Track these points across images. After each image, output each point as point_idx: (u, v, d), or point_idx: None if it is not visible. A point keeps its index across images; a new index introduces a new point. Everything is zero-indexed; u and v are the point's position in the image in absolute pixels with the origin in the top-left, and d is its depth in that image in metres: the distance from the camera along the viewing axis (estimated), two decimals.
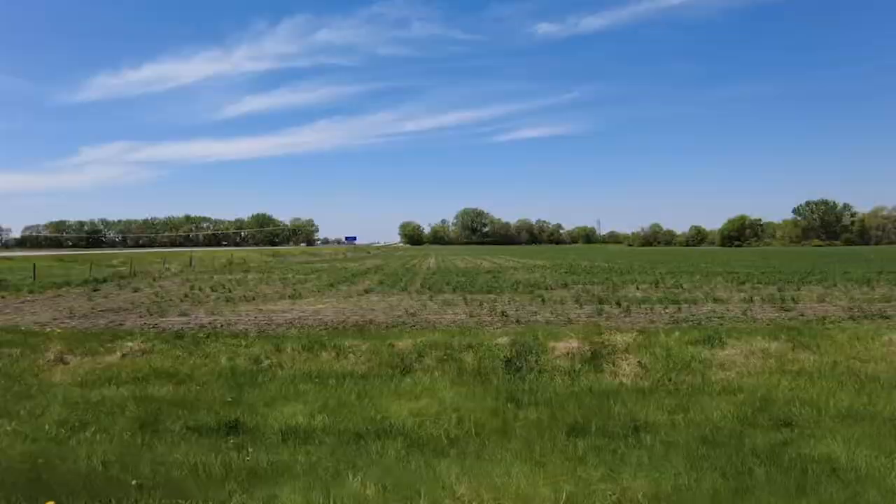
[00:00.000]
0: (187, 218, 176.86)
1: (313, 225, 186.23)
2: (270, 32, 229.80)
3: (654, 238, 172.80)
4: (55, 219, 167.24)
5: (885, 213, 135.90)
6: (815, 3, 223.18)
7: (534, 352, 9.05)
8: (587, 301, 15.74)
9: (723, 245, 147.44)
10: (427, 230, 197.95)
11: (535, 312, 13.67)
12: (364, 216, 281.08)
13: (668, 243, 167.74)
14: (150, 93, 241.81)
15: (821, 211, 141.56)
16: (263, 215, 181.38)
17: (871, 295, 16.99)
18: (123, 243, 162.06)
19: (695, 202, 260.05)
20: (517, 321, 12.34)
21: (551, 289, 19.93)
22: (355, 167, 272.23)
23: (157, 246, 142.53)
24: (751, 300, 15.66)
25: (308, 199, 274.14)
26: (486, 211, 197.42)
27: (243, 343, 9.75)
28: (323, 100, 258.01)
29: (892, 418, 6.39)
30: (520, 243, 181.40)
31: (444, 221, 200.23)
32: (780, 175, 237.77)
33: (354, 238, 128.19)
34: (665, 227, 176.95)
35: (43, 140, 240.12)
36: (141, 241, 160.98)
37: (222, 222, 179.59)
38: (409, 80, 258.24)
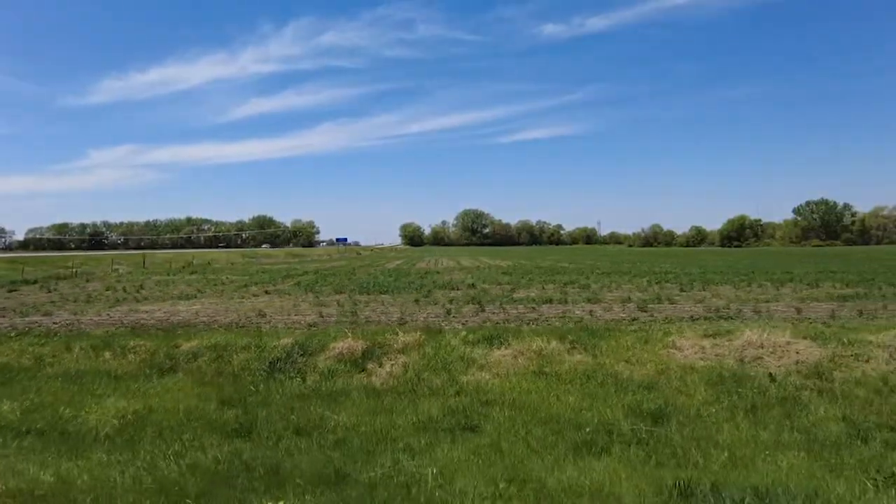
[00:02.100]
0: (188, 220, 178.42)
1: (314, 226, 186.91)
2: (276, 35, 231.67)
3: (655, 239, 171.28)
4: (64, 221, 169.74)
5: (885, 212, 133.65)
6: (816, 3, 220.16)
7: (308, 353, 9.11)
8: (465, 301, 15.69)
9: (722, 245, 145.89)
10: (427, 231, 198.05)
11: (392, 313, 13.66)
12: (368, 218, 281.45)
13: (668, 244, 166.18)
14: (157, 96, 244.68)
15: (821, 211, 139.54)
16: (264, 217, 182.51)
17: (755, 295, 16.85)
18: (125, 245, 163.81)
19: (697, 203, 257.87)
20: (366, 321, 12.29)
21: (454, 289, 19.91)
22: (359, 169, 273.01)
23: (159, 248, 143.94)
24: (628, 300, 15.54)
25: (312, 201, 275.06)
26: (486, 212, 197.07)
27: (40, 343, 9.89)
28: (328, 102, 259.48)
29: (572, 421, 6.38)
30: (520, 244, 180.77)
31: (444, 223, 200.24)
32: (782, 175, 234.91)
33: (345, 239, 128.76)
34: (667, 227, 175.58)
35: (51, 143, 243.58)
36: (142, 243, 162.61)
37: (223, 224, 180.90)
38: (413, 82, 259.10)
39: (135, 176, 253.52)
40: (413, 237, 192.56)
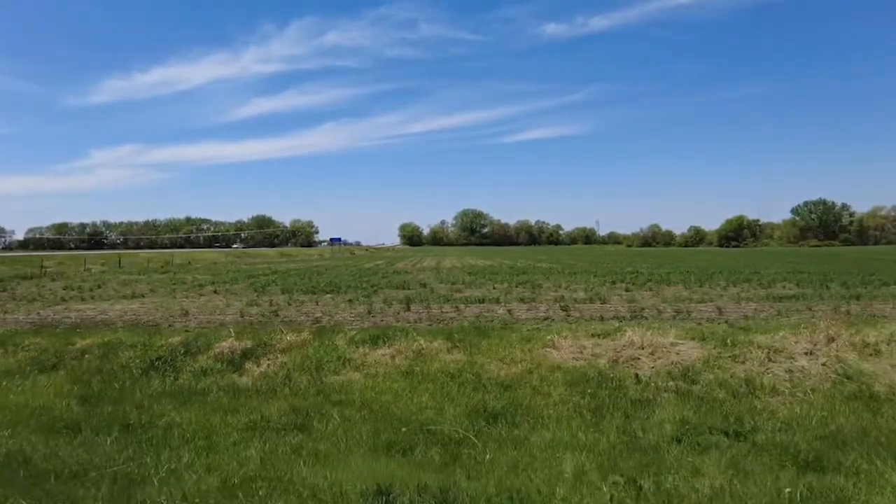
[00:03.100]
0: (188, 220, 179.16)
1: (313, 226, 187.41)
2: (278, 35, 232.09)
3: (653, 239, 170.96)
4: (63, 221, 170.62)
5: (883, 212, 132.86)
6: (815, 3, 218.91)
7: (191, 352, 9.09)
8: (399, 301, 15.65)
9: (720, 246, 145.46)
10: (426, 231, 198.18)
11: (314, 312, 13.63)
12: (369, 218, 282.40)
13: (667, 244, 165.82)
14: (159, 95, 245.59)
15: (819, 211, 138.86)
16: (263, 217, 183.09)
17: (699, 295, 16.76)
18: (124, 245, 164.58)
19: (697, 203, 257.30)
20: (282, 320, 12.25)
21: (404, 288, 19.89)
22: (361, 169, 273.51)
23: (158, 247, 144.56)
24: (561, 299, 15.49)
25: (314, 201, 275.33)
26: (485, 212, 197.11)
27: None
28: (330, 102, 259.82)
29: (406, 420, 6.33)
30: (519, 244, 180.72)
31: (443, 222, 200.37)
32: (783, 175, 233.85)
33: (339, 239, 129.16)
34: (667, 227, 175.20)
35: (52, 143, 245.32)
36: (142, 243, 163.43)
37: (223, 224, 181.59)
38: (415, 82, 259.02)
39: (136, 176, 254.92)
40: (412, 237, 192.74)
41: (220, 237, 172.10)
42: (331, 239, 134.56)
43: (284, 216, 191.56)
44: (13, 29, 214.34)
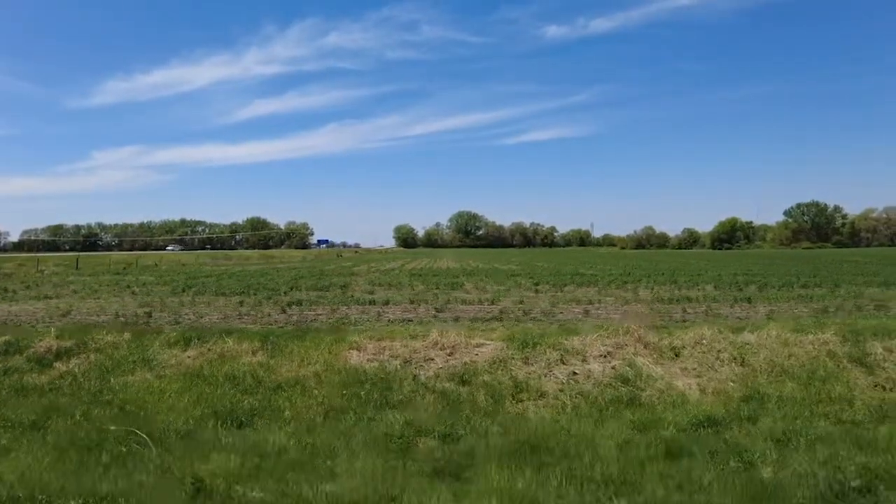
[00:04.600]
0: (182, 221, 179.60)
1: (308, 228, 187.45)
2: (280, 36, 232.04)
3: (648, 241, 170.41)
4: (59, 223, 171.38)
5: (874, 215, 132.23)
6: (818, 5, 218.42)
7: (10, 352, 9.13)
8: (285, 304, 15.63)
9: (713, 248, 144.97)
10: (421, 233, 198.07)
11: (208, 314, 13.66)
12: (370, 219, 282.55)
13: (661, 246, 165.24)
14: (162, 97, 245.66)
15: (812, 213, 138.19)
16: (257, 219, 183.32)
17: (595, 295, 16.76)
18: (119, 247, 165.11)
19: (694, 204, 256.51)
20: (164, 321, 12.33)
21: (324, 290, 19.92)
22: (363, 171, 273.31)
23: (153, 249, 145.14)
24: (447, 301, 15.51)
25: (314, 204, 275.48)
26: (480, 214, 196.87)
27: None
28: (332, 103, 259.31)
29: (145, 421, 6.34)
30: (514, 246, 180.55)
31: (438, 224, 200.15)
32: (781, 177, 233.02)
33: (327, 241, 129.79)
34: (662, 229, 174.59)
35: (54, 144, 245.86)
36: (136, 245, 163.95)
37: (217, 225, 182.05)
38: (417, 83, 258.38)
39: (138, 177, 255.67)
40: (406, 239, 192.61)
41: (215, 239, 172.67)
42: (318, 241, 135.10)
43: (284, 218, 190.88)
44: (15, 30, 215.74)
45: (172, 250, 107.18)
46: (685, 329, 9.04)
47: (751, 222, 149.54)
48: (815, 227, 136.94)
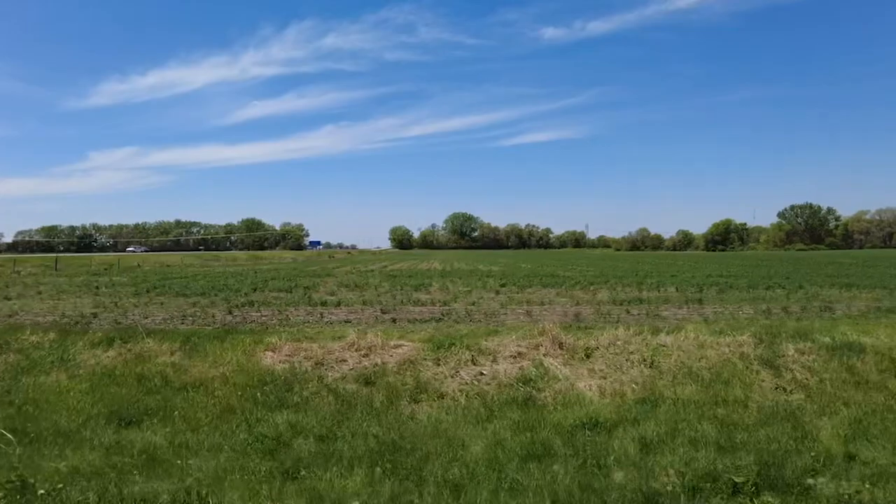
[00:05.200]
0: (177, 223, 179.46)
1: (303, 230, 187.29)
2: (278, 38, 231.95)
3: (642, 242, 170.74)
4: (54, 224, 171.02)
5: (867, 217, 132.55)
6: (812, 9, 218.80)
7: None
8: (241, 304, 15.67)
9: (707, 249, 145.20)
10: (417, 235, 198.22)
11: (156, 315, 13.68)
12: (367, 221, 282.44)
13: (655, 247, 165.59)
14: (159, 98, 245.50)
15: (805, 215, 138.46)
16: (252, 220, 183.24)
17: (554, 297, 16.80)
18: (114, 248, 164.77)
19: (690, 206, 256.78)
20: (114, 320, 12.33)
21: (287, 291, 19.95)
22: (359, 173, 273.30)
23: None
24: (402, 302, 15.54)
25: (311, 205, 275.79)
26: (475, 215, 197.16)
27: None
28: (330, 105, 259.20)
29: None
30: (509, 248, 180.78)
31: (433, 226, 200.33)
32: (778, 179, 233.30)
33: (318, 243, 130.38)
34: (658, 231, 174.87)
35: (52, 146, 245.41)
36: (131, 246, 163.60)
37: (212, 227, 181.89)
38: (415, 85, 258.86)
39: (135, 179, 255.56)
40: (402, 241, 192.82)
41: (210, 240, 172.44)
42: (310, 242, 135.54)
43: (282, 220, 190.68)
44: (11, 31, 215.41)
45: (134, 251, 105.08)
46: (602, 330, 9.06)
47: (745, 224, 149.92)
48: (809, 229, 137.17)
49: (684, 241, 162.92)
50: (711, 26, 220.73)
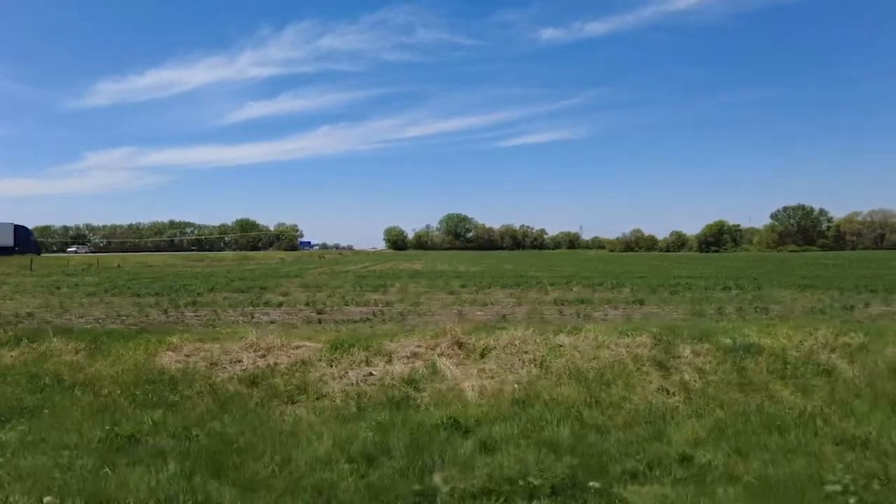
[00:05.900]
0: (171, 223, 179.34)
1: (297, 230, 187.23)
2: (275, 38, 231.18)
3: (636, 243, 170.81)
4: (49, 224, 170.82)
5: (859, 218, 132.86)
6: (809, 11, 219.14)
7: None
8: (185, 304, 15.71)
9: (700, 251, 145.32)
10: (411, 235, 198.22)
11: (91, 315, 13.74)
12: (364, 222, 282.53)
13: (649, 248, 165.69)
14: (156, 98, 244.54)
15: (798, 216, 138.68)
16: (246, 220, 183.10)
17: (505, 297, 16.86)
18: (108, 248, 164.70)
19: (683, 207, 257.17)
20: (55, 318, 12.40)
21: (242, 292, 20.03)
22: (357, 173, 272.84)
23: (141, 251, 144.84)
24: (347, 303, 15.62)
25: (307, 205, 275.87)
26: (470, 216, 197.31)
27: None
28: (327, 105, 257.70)
29: None
30: (504, 249, 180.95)
31: (428, 227, 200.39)
32: (775, 180, 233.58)
33: (308, 243, 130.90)
34: (652, 232, 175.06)
35: (49, 146, 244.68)
36: (126, 246, 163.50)
37: (206, 227, 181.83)
38: (413, 86, 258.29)
39: (132, 179, 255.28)
40: (396, 241, 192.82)
41: (204, 241, 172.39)
42: (301, 242, 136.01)
43: (278, 220, 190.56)
44: (9, 32, 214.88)
45: (76, 252, 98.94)
46: (503, 330, 9.12)
47: (738, 225, 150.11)
48: (801, 231, 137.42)
49: (678, 243, 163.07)
50: (709, 28, 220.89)
